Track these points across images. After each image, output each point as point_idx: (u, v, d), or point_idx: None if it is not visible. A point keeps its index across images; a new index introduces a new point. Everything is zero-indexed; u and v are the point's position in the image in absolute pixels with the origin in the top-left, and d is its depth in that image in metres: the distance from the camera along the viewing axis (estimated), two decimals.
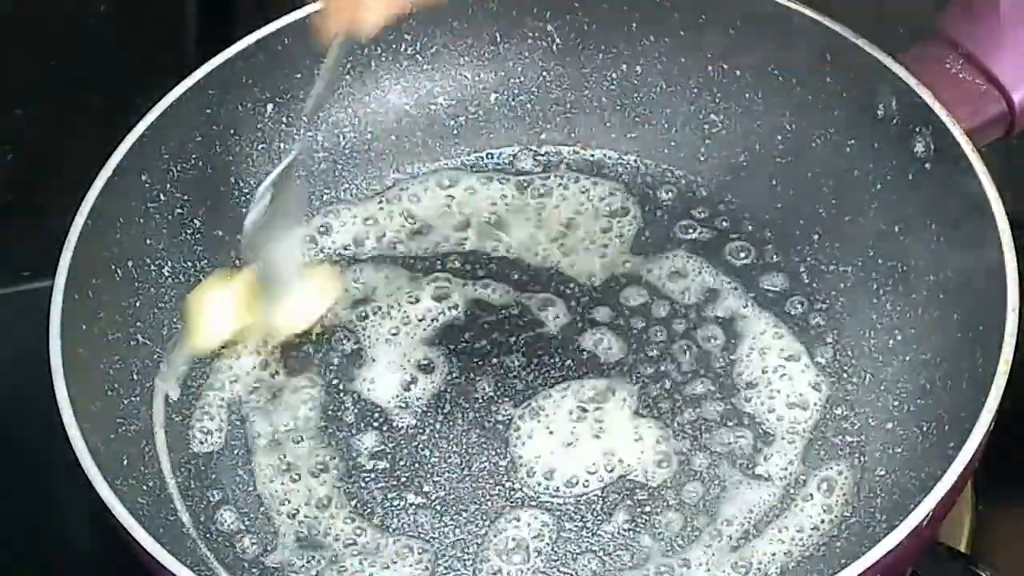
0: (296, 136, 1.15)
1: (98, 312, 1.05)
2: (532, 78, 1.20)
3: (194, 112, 1.12)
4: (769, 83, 1.15)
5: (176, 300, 1.10)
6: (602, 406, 1.06)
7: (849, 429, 1.05)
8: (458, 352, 1.09)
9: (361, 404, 1.08)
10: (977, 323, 1.00)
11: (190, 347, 1.05)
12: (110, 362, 1.05)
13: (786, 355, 1.08)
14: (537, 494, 1.03)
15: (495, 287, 1.13)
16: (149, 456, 1.04)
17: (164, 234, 1.11)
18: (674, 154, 1.18)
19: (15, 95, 1.32)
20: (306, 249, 1.15)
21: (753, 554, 1.00)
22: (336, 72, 0.99)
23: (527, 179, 1.18)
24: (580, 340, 1.09)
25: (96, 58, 1.34)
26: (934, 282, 1.05)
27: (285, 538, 1.02)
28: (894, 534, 0.90)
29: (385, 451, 1.06)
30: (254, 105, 1.15)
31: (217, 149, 1.14)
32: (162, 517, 1.01)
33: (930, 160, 1.06)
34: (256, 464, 1.05)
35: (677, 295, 1.11)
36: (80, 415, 0.96)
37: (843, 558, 0.95)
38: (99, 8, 1.37)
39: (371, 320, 1.11)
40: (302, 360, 1.09)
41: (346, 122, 1.19)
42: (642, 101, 1.19)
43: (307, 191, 1.15)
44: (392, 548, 1.01)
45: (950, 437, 0.96)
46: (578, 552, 1.00)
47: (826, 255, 1.12)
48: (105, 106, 1.28)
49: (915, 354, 1.05)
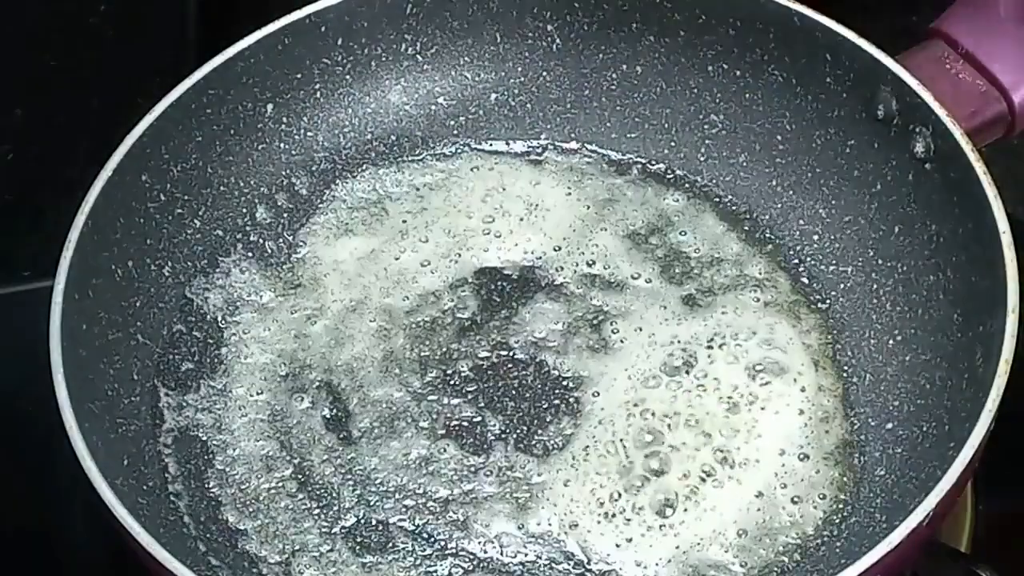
0: (296, 136, 1.16)
1: (98, 312, 1.05)
2: (532, 78, 1.20)
3: (194, 112, 1.12)
4: (769, 83, 1.15)
5: (176, 300, 1.11)
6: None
7: (849, 429, 1.05)
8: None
9: (366, 405, 1.08)
10: (977, 323, 1.00)
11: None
12: (110, 362, 1.05)
13: (786, 355, 1.08)
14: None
15: (495, 287, 1.13)
16: (149, 456, 1.04)
17: (164, 234, 1.11)
18: (674, 154, 1.18)
19: (15, 95, 1.32)
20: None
21: (753, 554, 1.00)
22: None
23: (527, 178, 1.18)
24: (580, 330, 1.10)
25: (96, 58, 1.34)
26: (934, 282, 1.05)
27: (286, 538, 1.02)
28: (894, 534, 0.90)
29: (390, 454, 1.06)
30: (254, 105, 1.15)
31: (217, 149, 1.14)
32: (162, 517, 1.01)
33: (930, 160, 1.06)
34: (257, 464, 1.06)
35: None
36: (80, 415, 0.96)
37: (843, 558, 0.95)
38: (99, 8, 1.37)
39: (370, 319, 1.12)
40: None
41: (346, 122, 1.19)
42: (642, 101, 1.19)
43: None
44: (392, 550, 1.02)
45: (950, 437, 0.96)
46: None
47: (826, 255, 1.12)
48: (105, 106, 1.28)
49: (915, 354, 1.05)
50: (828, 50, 1.10)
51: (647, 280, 1.12)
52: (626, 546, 1.00)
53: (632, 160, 1.19)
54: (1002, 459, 0.99)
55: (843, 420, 1.05)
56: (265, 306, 1.13)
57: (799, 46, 1.12)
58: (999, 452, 0.97)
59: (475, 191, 1.18)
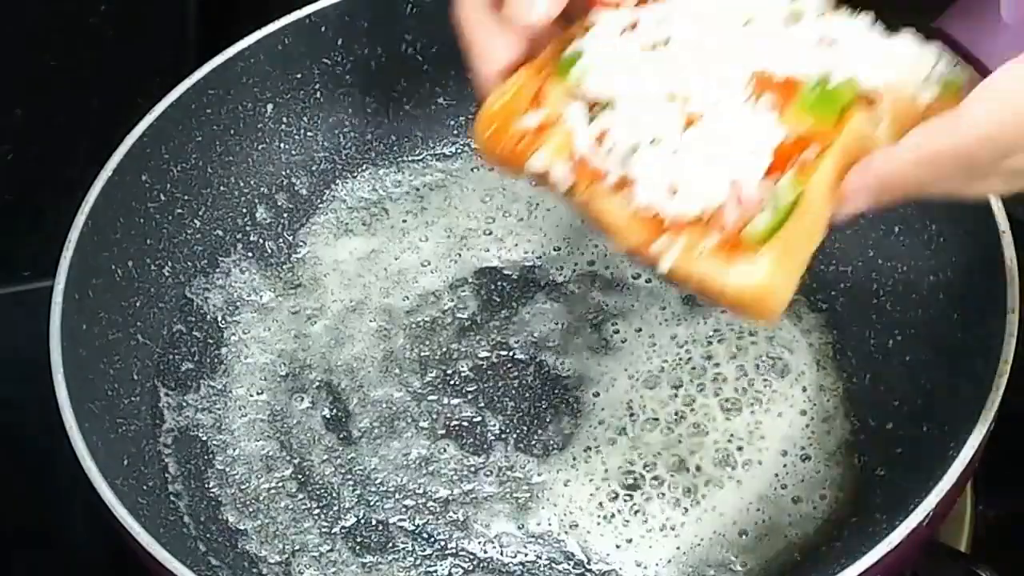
0: (296, 136, 1.16)
1: (98, 312, 1.05)
2: None
3: (194, 112, 1.12)
4: None
5: (176, 300, 1.11)
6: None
7: (850, 429, 1.05)
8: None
9: (366, 405, 1.08)
10: (977, 323, 1.00)
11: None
12: (110, 362, 1.05)
13: (787, 355, 1.08)
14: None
15: (493, 286, 1.13)
16: (149, 456, 1.04)
17: (164, 234, 1.11)
18: None
19: (15, 95, 1.32)
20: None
21: (754, 554, 1.00)
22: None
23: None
24: (580, 330, 1.10)
25: (96, 58, 1.34)
26: (934, 282, 1.05)
27: (286, 538, 1.02)
28: (894, 534, 0.90)
29: (390, 454, 1.06)
30: (254, 105, 1.15)
31: (217, 149, 1.14)
32: (162, 517, 1.01)
33: None
34: (257, 464, 1.06)
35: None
36: (80, 415, 0.96)
37: (843, 558, 0.95)
38: (99, 8, 1.37)
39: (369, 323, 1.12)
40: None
41: (346, 122, 1.19)
42: None
43: None
44: (392, 550, 1.02)
45: (950, 437, 0.96)
46: None
47: (826, 255, 1.12)
48: (105, 106, 1.28)
49: (915, 354, 1.05)
50: None
51: (647, 280, 1.12)
52: (626, 546, 1.00)
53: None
54: (1002, 459, 0.99)
55: (844, 420, 1.05)
56: (265, 306, 1.13)
57: None
58: (999, 452, 0.97)
59: (475, 191, 1.18)
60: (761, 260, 0.83)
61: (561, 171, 0.88)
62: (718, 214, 0.84)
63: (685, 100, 0.87)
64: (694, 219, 0.84)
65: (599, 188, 0.87)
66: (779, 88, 0.86)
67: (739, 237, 0.83)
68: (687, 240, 0.84)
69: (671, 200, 0.84)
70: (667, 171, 0.85)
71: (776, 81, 0.86)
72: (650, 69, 0.88)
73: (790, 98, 0.86)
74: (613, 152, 0.87)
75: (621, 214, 0.86)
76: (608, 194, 0.87)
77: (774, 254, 0.83)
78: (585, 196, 0.87)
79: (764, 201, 0.83)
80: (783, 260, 0.83)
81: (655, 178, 0.85)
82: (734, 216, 0.83)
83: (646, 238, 0.85)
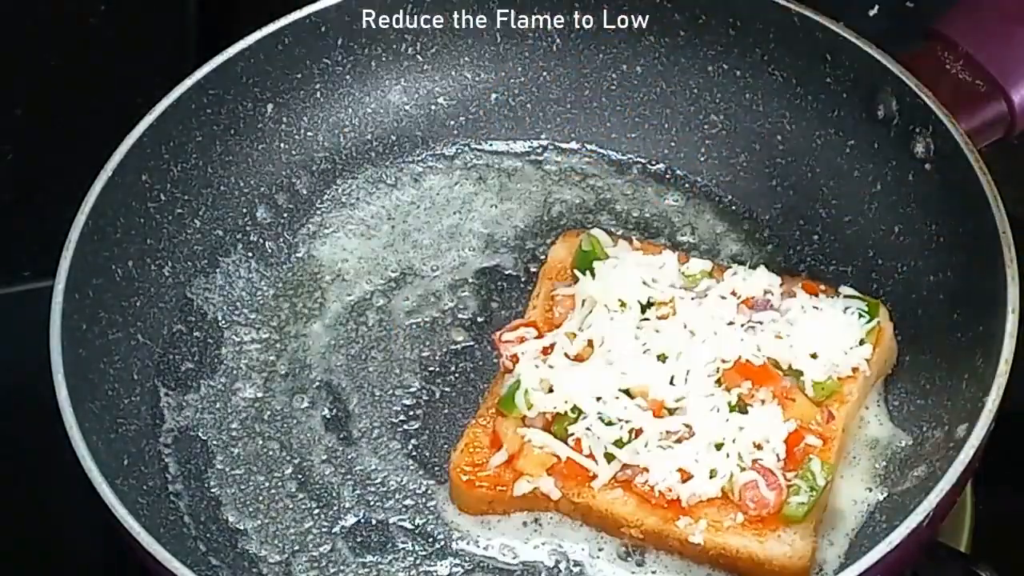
0: (296, 136, 1.16)
1: (98, 312, 1.05)
2: (532, 78, 1.20)
3: (194, 112, 1.12)
4: (769, 83, 1.15)
5: (176, 300, 1.11)
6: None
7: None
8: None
9: (366, 406, 1.08)
10: (977, 323, 1.00)
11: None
12: (110, 362, 1.05)
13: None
14: None
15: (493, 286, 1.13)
16: (149, 456, 1.04)
17: (164, 234, 1.11)
18: (674, 154, 1.18)
19: (15, 95, 1.32)
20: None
21: None
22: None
23: (528, 178, 1.18)
24: None
25: (96, 58, 1.34)
26: (934, 282, 1.05)
27: (286, 538, 1.02)
28: (894, 534, 0.90)
29: (390, 454, 1.06)
30: (254, 105, 1.15)
31: (217, 149, 1.14)
32: (162, 517, 1.01)
33: (930, 160, 1.06)
34: (257, 464, 1.06)
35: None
36: (80, 415, 0.96)
37: (843, 558, 0.95)
38: (99, 8, 1.37)
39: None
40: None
41: (346, 122, 1.19)
42: (642, 101, 1.19)
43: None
44: (392, 550, 1.02)
45: (950, 437, 0.96)
46: None
47: (826, 255, 1.12)
48: (105, 106, 1.28)
49: (915, 354, 1.05)
50: (828, 50, 1.10)
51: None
52: (626, 546, 1.00)
53: (632, 160, 1.19)
54: (1002, 459, 0.99)
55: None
56: (265, 306, 1.13)
57: (799, 46, 1.12)
58: (999, 452, 0.97)
59: (475, 191, 1.18)
60: (800, 532, 0.96)
61: (548, 484, 0.98)
62: (741, 493, 0.96)
63: (643, 392, 0.99)
64: (712, 498, 0.97)
65: (591, 488, 0.98)
66: (750, 374, 1.00)
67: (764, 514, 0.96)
68: (710, 518, 0.96)
69: (685, 484, 0.96)
70: (675, 459, 0.97)
71: (736, 368, 1.00)
72: (589, 375, 1.00)
73: (765, 383, 0.99)
74: (595, 450, 0.98)
75: (627, 505, 0.97)
76: (606, 490, 0.98)
77: (811, 525, 0.96)
78: (583, 498, 0.98)
79: (788, 485, 0.96)
80: (813, 527, 0.96)
81: (666, 465, 0.96)
82: (762, 499, 0.96)
83: (667, 517, 0.96)
